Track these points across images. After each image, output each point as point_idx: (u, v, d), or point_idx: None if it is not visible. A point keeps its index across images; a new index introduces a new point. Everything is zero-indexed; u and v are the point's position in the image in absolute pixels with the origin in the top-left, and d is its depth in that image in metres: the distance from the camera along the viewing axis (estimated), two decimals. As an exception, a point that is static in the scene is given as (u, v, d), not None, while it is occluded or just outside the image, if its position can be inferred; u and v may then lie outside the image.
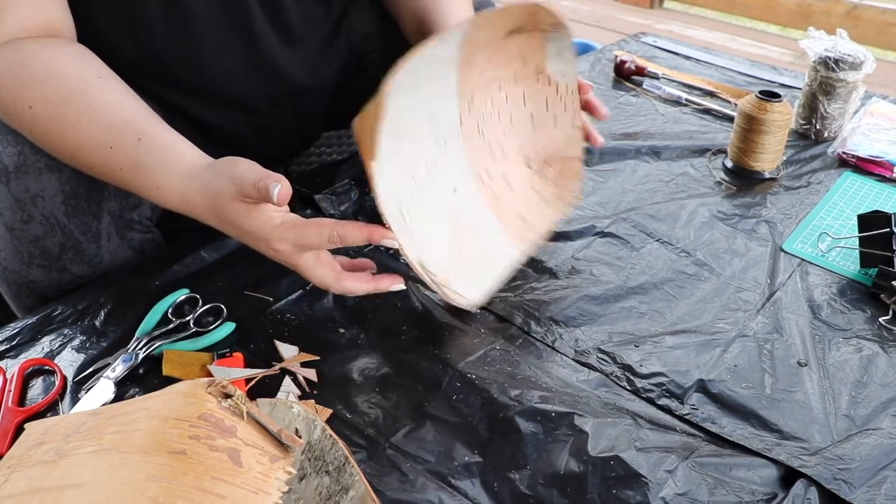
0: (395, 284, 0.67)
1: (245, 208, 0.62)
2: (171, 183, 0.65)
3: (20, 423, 0.60)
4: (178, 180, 0.64)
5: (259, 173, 0.60)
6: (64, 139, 0.66)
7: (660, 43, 1.41)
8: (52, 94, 0.66)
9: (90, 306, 0.73)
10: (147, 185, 0.66)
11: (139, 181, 0.66)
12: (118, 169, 0.66)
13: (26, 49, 0.67)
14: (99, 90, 0.67)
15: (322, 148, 1.16)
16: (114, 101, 0.67)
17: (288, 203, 0.60)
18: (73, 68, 0.67)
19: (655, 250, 0.83)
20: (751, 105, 0.96)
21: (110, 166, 0.66)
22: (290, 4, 0.83)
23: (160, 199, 0.66)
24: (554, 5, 0.68)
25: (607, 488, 0.57)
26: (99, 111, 0.66)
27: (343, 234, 0.62)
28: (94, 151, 0.66)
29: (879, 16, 2.65)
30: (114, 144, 0.65)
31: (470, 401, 0.64)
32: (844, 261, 0.82)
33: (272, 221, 0.62)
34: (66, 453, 0.40)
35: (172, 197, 0.65)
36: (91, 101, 0.66)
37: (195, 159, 0.65)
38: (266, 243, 0.63)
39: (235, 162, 0.63)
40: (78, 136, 0.66)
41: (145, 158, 0.65)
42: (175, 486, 0.37)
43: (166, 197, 0.65)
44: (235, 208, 0.62)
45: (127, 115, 0.66)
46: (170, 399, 0.42)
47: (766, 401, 0.65)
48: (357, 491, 0.48)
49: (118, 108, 0.67)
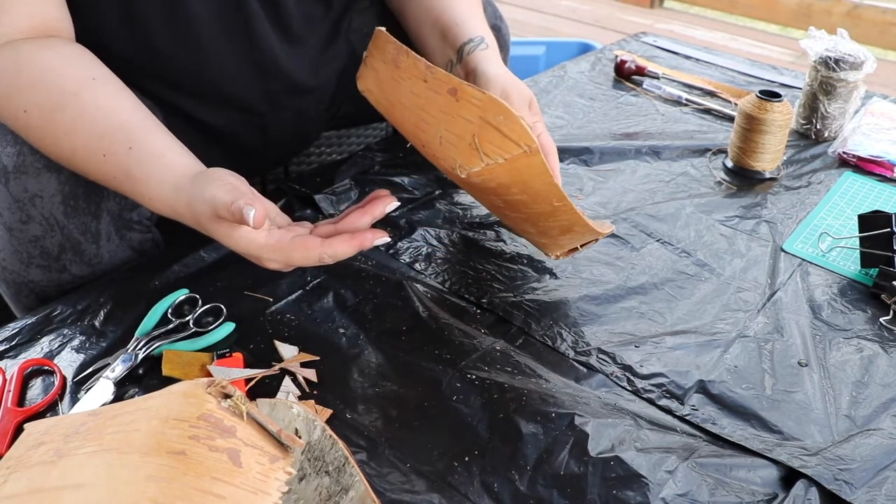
0: (379, 238, 0.63)
1: (226, 229, 0.61)
2: (161, 195, 0.65)
3: (20, 424, 0.60)
4: (168, 192, 0.64)
5: (231, 195, 0.59)
6: (59, 145, 0.67)
7: (660, 43, 1.41)
8: (46, 99, 0.66)
9: (90, 306, 0.73)
10: (140, 194, 0.66)
11: (132, 191, 0.67)
12: (112, 177, 0.67)
13: (22, 51, 0.66)
14: (93, 94, 0.67)
15: (322, 148, 1.16)
16: (107, 107, 0.67)
17: (286, 204, 0.60)
18: (67, 71, 0.67)
19: (656, 250, 0.83)
20: (751, 105, 0.96)
21: (104, 174, 0.67)
22: (290, 4, 0.83)
23: (153, 209, 0.67)
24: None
25: (607, 489, 0.57)
26: (91, 117, 0.66)
27: (333, 254, 0.61)
28: (89, 159, 0.66)
29: (880, 15, 2.65)
30: (106, 153, 0.65)
31: (470, 401, 0.64)
32: (845, 261, 0.82)
33: (256, 243, 0.62)
34: (65, 454, 0.40)
35: (164, 208, 0.66)
36: (84, 106, 0.66)
37: (184, 170, 0.65)
38: (256, 260, 0.63)
39: (211, 179, 0.62)
40: (72, 142, 0.66)
41: (136, 169, 0.65)
42: (174, 487, 0.37)
43: (158, 207, 0.66)
44: (218, 229, 0.62)
45: (119, 122, 0.66)
46: (169, 399, 0.42)
47: (767, 401, 0.65)
48: (357, 491, 0.48)
49: (111, 114, 0.66)
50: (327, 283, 0.76)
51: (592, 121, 1.12)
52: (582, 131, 1.08)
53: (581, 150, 1.02)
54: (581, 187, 0.95)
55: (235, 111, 0.87)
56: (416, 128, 0.63)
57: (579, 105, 1.17)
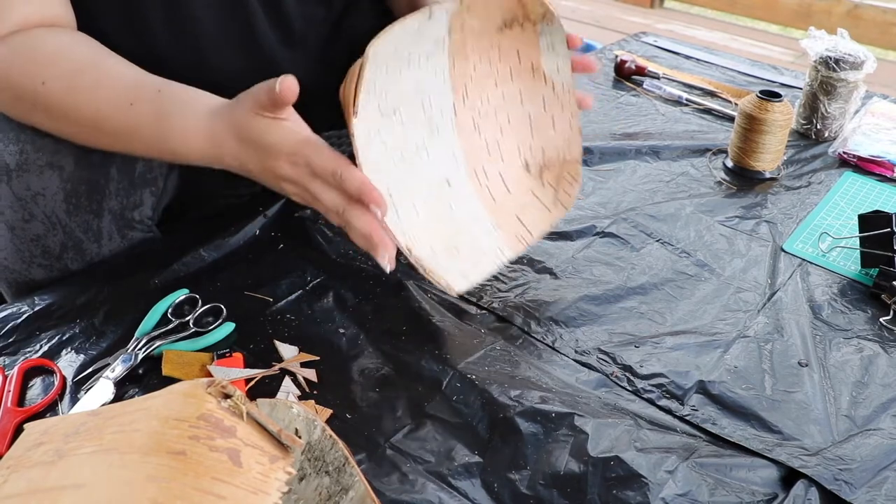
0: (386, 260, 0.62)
1: (266, 122, 0.62)
2: (197, 122, 0.65)
3: (19, 424, 0.60)
4: (204, 117, 0.65)
5: (270, 81, 0.61)
6: (81, 108, 0.67)
7: (660, 43, 1.41)
8: (65, 68, 0.67)
9: (90, 306, 0.73)
10: (172, 132, 0.66)
11: (162, 131, 0.66)
12: (139, 125, 0.67)
13: (33, 35, 0.68)
14: (110, 62, 0.69)
15: (322, 148, 1.16)
16: (127, 69, 0.69)
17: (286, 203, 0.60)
18: (81, 48, 0.69)
19: (656, 250, 0.83)
20: (751, 105, 0.96)
21: (130, 124, 0.67)
22: (290, 5, 0.83)
23: (183, 144, 0.66)
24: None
25: (607, 489, 0.57)
26: (114, 76, 0.68)
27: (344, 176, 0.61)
28: (113, 112, 0.67)
29: (880, 15, 2.65)
30: (134, 101, 0.66)
31: (470, 401, 0.64)
32: (845, 261, 0.82)
33: (294, 136, 0.63)
34: (65, 454, 0.40)
35: (198, 136, 0.65)
36: (105, 69, 0.68)
37: (218, 100, 0.67)
38: (285, 159, 0.63)
39: (255, 86, 0.64)
40: (95, 100, 0.67)
41: (169, 106, 0.66)
42: (174, 487, 0.37)
43: (192, 138, 0.66)
44: (257, 124, 0.63)
45: (142, 76, 0.68)
46: (169, 399, 0.42)
47: (767, 401, 0.65)
48: (357, 491, 0.48)
49: (133, 72, 0.68)
50: (327, 283, 0.76)
51: (592, 121, 1.12)
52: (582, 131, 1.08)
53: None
54: (581, 187, 0.95)
55: (236, 111, 0.87)
56: None
57: (579, 105, 1.17)
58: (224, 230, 0.81)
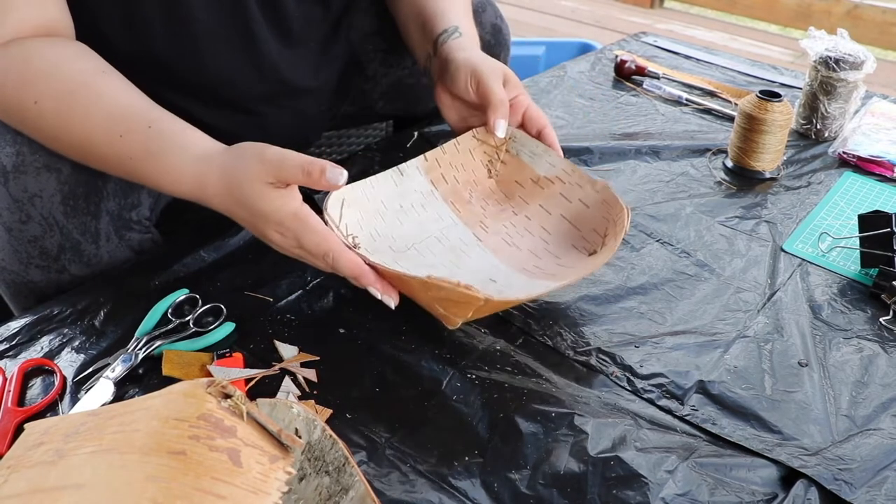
0: (388, 298, 0.66)
1: (261, 189, 0.62)
2: (184, 165, 0.65)
3: (20, 424, 0.60)
4: (193, 161, 0.65)
5: (302, 157, 0.61)
6: (72, 132, 0.67)
7: (660, 43, 1.41)
8: (58, 89, 0.66)
9: (90, 306, 0.73)
10: (159, 170, 0.66)
11: (150, 167, 0.66)
12: (128, 158, 0.67)
13: (28, 47, 0.67)
14: (104, 83, 0.68)
15: (322, 148, 1.16)
16: (120, 94, 0.68)
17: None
18: (75, 64, 0.68)
19: (655, 251, 0.83)
20: (751, 105, 0.96)
21: (120, 155, 0.67)
22: (289, 6, 0.83)
23: (170, 184, 0.66)
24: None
25: (607, 488, 0.57)
26: (106, 102, 0.67)
27: (336, 264, 0.64)
28: (104, 141, 0.66)
29: (880, 15, 2.65)
30: (124, 133, 0.66)
31: (470, 401, 0.64)
32: (845, 261, 0.82)
33: (285, 208, 0.63)
34: (65, 454, 0.40)
35: (185, 179, 0.65)
36: (98, 92, 0.67)
37: (209, 143, 0.67)
38: (274, 228, 0.64)
39: (263, 146, 0.64)
40: (86, 127, 0.66)
41: (157, 144, 0.65)
42: (175, 487, 0.37)
43: (177, 180, 0.66)
44: (251, 188, 0.63)
45: (135, 105, 0.67)
46: (169, 399, 0.42)
47: (767, 401, 0.65)
48: (357, 491, 0.48)
49: (125, 99, 0.68)
50: (327, 283, 0.76)
51: (592, 121, 1.12)
52: (582, 131, 1.08)
53: (581, 150, 1.02)
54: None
55: (235, 112, 0.87)
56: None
57: (579, 105, 1.17)
58: (224, 230, 0.81)
